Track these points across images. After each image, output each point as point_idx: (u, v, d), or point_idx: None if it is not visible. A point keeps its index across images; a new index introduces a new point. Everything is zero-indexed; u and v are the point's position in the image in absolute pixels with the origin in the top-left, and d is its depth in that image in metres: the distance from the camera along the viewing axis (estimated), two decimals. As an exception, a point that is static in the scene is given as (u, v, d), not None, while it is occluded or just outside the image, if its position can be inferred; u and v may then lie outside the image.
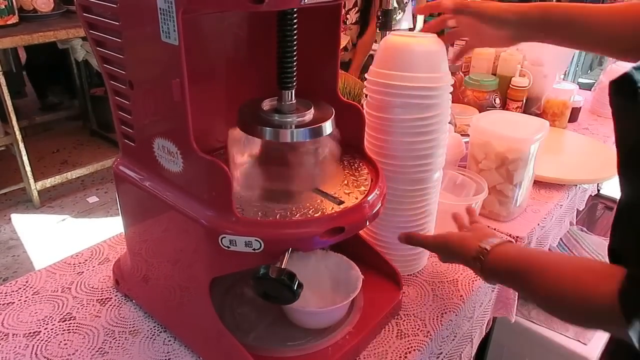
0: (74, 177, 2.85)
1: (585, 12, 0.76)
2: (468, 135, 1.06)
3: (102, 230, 2.55)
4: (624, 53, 0.79)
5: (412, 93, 0.74)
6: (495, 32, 0.78)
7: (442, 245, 0.75)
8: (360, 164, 0.74)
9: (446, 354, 0.82)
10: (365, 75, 0.79)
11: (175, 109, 0.56)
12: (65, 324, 0.76)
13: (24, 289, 0.82)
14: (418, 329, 0.77)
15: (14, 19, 2.47)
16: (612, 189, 1.96)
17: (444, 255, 0.76)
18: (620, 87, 0.49)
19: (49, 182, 2.73)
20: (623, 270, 0.50)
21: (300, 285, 0.55)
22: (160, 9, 0.52)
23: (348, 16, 2.13)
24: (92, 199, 2.83)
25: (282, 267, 0.55)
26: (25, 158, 2.58)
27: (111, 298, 0.81)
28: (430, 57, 0.75)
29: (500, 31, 0.78)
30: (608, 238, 0.59)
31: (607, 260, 0.58)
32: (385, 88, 0.75)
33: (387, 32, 1.11)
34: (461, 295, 0.84)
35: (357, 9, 2.06)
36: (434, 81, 0.75)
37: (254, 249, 0.57)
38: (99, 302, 0.80)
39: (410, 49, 0.74)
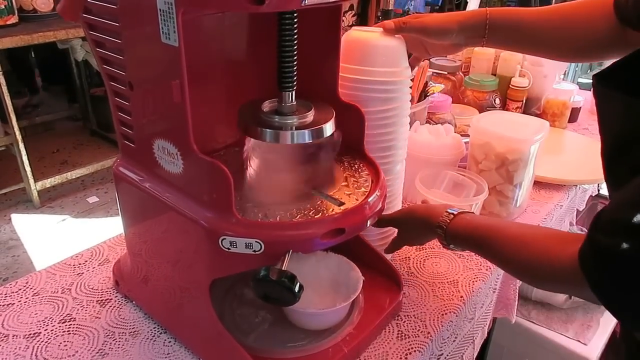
0: (74, 177, 2.85)
1: (525, 16, 0.77)
2: (468, 135, 1.06)
3: (102, 230, 2.55)
4: (565, 55, 0.80)
5: (372, 87, 0.76)
6: (439, 43, 0.80)
7: (407, 215, 0.76)
8: (361, 165, 0.74)
9: (447, 355, 0.82)
10: None
11: (175, 110, 0.56)
12: (65, 325, 0.76)
13: (24, 290, 0.82)
14: (418, 330, 0.77)
15: (13, 19, 2.46)
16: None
17: (407, 227, 0.77)
18: (604, 78, 0.51)
19: (49, 182, 2.73)
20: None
21: (301, 287, 0.55)
22: (160, 10, 0.52)
23: (344, 18, 2.13)
24: (92, 199, 2.83)
25: (283, 268, 0.55)
26: (25, 158, 2.58)
27: (111, 299, 0.81)
28: (390, 52, 0.77)
29: (444, 42, 0.79)
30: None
31: None
32: (347, 82, 0.77)
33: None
34: (461, 296, 0.84)
35: (353, 12, 2.06)
36: (394, 75, 0.77)
37: (254, 251, 0.57)
38: (99, 303, 0.80)
39: (371, 44, 0.77)
